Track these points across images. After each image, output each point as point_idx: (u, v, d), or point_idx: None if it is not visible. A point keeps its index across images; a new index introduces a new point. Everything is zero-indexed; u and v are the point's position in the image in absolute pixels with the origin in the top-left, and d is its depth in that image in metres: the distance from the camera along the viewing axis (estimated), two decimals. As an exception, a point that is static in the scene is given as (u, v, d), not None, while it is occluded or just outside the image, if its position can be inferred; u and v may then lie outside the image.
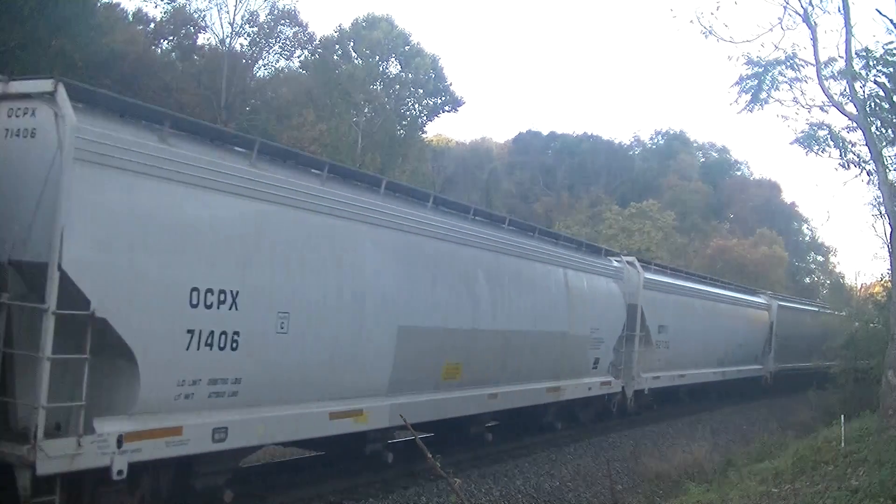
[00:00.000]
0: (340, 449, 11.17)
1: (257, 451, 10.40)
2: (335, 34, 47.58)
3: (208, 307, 7.79)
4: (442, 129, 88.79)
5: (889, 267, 18.62)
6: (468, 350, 12.30)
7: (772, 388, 31.03)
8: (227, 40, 38.66)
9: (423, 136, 53.97)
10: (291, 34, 41.10)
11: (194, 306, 7.65)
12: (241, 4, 38.76)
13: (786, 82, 15.97)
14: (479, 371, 12.75)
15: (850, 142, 16.15)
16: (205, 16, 39.06)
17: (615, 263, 19.28)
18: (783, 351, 31.76)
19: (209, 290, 7.80)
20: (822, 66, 14.87)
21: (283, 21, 40.28)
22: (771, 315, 31.34)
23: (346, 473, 11.66)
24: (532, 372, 14.60)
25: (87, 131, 6.80)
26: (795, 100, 16.06)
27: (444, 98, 51.33)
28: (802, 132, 16.56)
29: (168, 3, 37.79)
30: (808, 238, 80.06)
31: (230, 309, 8.03)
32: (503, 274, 13.44)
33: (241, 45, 39.89)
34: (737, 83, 16.26)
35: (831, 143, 16.24)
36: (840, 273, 71.69)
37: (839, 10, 14.57)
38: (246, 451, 9.20)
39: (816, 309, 38.40)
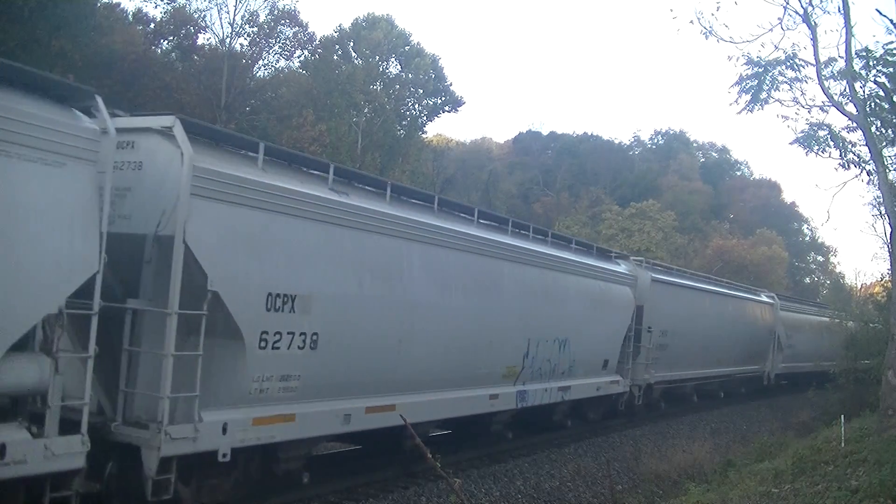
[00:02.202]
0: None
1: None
2: (335, 34, 47.75)
3: None
4: (442, 129, 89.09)
5: (889, 267, 18.68)
6: None
7: (642, 412, 20.75)
8: (227, 40, 38.61)
9: (423, 136, 54.08)
10: (291, 34, 41.04)
11: None
12: (241, 4, 38.71)
13: (786, 82, 16.02)
14: None
15: (850, 142, 16.21)
16: (205, 16, 38.87)
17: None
18: (662, 352, 20.49)
19: None
20: (822, 67, 14.92)
21: (283, 21, 40.22)
22: (638, 294, 19.03)
23: (346, 473, 11.66)
24: None
25: None
26: (795, 100, 16.13)
27: (444, 98, 51.45)
28: (802, 132, 16.60)
29: (168, 4, 37.77)
30: (808, 238, 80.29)
31: None
32: None
33: (241, 45, 39.87)
34: (737, 83, 16.29)
35: (831, 143, 16.27)
36: (840, 273, 71.92)
37: (839, 10, 14.66)
38: None
39: (722, 290, 26.56)
